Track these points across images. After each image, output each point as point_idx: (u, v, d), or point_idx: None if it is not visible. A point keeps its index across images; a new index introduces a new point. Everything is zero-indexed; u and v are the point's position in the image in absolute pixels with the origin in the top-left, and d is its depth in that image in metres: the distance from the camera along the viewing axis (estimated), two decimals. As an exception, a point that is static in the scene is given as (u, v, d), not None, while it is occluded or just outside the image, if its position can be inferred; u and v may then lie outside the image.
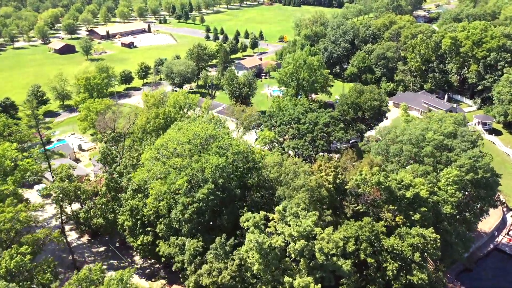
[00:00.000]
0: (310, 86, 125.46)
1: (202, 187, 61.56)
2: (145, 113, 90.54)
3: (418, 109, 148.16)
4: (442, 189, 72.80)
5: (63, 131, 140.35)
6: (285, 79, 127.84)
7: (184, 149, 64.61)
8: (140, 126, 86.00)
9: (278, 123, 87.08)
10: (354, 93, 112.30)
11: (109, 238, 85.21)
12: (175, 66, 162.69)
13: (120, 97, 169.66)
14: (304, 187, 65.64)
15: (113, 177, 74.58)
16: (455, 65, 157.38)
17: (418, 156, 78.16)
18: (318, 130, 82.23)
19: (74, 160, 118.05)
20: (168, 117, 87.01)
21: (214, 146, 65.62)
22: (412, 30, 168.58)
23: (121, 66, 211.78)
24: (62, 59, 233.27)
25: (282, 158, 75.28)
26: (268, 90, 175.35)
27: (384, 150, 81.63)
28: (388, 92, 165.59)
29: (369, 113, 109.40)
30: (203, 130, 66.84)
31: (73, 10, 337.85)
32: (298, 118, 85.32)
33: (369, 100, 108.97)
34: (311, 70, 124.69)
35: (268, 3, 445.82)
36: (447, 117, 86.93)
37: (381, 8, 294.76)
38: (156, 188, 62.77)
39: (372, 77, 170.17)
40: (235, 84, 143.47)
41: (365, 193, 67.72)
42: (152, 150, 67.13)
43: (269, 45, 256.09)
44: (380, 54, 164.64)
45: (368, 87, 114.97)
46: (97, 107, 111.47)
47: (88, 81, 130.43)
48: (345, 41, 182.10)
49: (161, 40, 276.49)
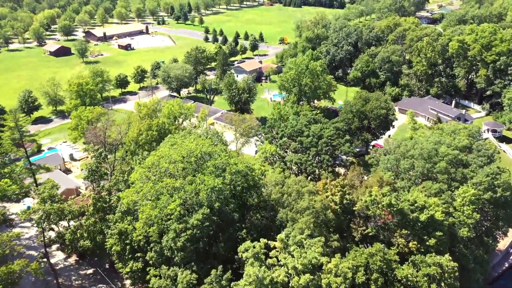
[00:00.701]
0: (312, 92, 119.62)
1: (197, 211, 55.83)
2: (137, 124, 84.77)
3: (424, 115, 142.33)
4: (458, 209, 67.03)
5: (55, 138, 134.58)
6: (286, 85, 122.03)
7: (177, 168, 58.83)
8: (132, 138, 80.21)
9: (280, 135, 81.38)
10: (359, 100, 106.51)
11: (98, 259, 79.45)
12: (172, 70, 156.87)
13: (115, 102, 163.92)
14: (308, 210, 59.89)
15: (101, 196, 68.83)
16: (462, 69, 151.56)
17: (431, 172, 72.40)
18: (322, 144, 76.50)
19: (65, 171, 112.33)
20: (162, 128, 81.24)
21: (210, 165, 59.86)
22: (417, 33, 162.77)
23: (117, 69, 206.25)
24: (57, 61, 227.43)
25: (284, 176, 69.53)
26: (268, 95, 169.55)
27: (394, 165, 75.83)
28: (393, 97, 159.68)
29: (376, 122, 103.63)
30: (198, 147, 61.08)
31: (69, 11, 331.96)
32: (301, 130, 79.61)
33: (375, 108, 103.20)
34: (314, 76, 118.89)
35: (268, 3, 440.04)
36: (460, 129, 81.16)
37: (384, 9, 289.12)
38: (146, 212, 56.98)
39: (376, 81, 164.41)
40: (234, 89, 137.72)
41: (375, 216, 61.92)
42: (142, 169, 61.34)
43: (269, 47, 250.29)
44: (384, 57, 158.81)
45: (374, 94, 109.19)
46: (88, 115, 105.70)
47: (80, 87, 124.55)
48: (348, 44, 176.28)
49: (159, 42, 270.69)
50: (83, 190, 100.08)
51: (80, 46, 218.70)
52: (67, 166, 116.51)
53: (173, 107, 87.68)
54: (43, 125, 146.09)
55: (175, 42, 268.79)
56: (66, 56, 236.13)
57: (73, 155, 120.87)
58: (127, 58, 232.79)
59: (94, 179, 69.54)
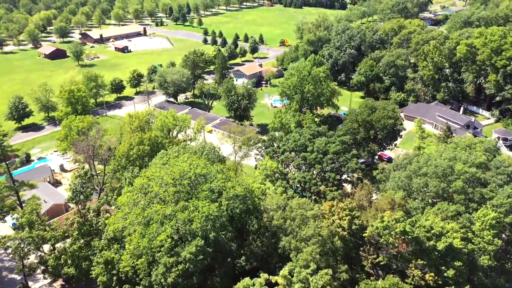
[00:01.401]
0: (315, 99, 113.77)
1: (190, 242, 49.99)
2: (128, 137, 78.92)
3: (432, 122, 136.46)
4: (478, 234, 61.18)
5: (46, 147, 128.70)
6: (288, 92, 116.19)
7: (168, 193, 52.99)
8: (123, 153, 74.34)
9: (282, 149, 75.55)
10: (365, 109, 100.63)
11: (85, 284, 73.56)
12: (169, 75, 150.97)
13: (110, 108, 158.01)
14: (314, 238, 54.07)
15: (87, 219, 62.98)
16: (471, 74, 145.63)
17: (447, 192, 66.51)
18: (328, 160, 70.65)
19: (54, 183, 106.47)
20: (154, 142, 75.39)
21: (205, 188, 54.00)
22: (423, 36, 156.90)
23: (113, 73, 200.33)
24: (52, 64, 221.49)
25: (287, 196, 63.67)
26: (269, 100, 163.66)
27: (406, 183, 69.93)
28: (399, 102, 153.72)
29: (383, 132, 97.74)
30: (192, 169, 55.22)
31: (66, 12, 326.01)
32: (304, 144, 73.79)
33: (382, 118, 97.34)
34: (317, 83, 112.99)
35: (268, 4, 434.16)
36: (476, 144, 75.25)
37: (386, 10, 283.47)
38: (134, 241, 51.18)
39: (380, 86, 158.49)
40: (233, 95, 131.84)
41: (387, 244, 56.09)
42: (130, 193, 55.50)
43: (270, 50, 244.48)
44: (389, 62, 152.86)
45: (381, 103, 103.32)
46: (79, 125, 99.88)
47: (71, 94, 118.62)
48: (351, 47, 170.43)
49: (157, 44, 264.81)
50: (73, 204, 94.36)
51: (75, 49, 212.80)
52: (57, 177, 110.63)
53: (166, 119, 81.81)
54: (34, 133, 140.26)
55: (173, 44, 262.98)
56: (62, 59, 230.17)
57: (64, 165, 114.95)
58: (124, 61, 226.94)
59: (79, 200, 63.72)
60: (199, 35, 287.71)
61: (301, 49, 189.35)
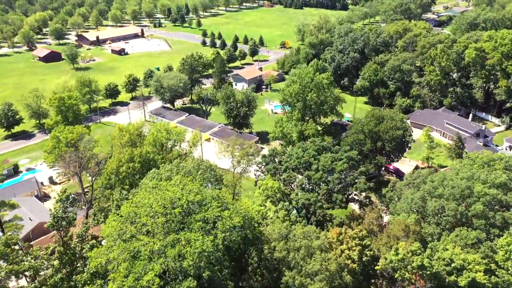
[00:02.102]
0: (318, 108, 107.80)
1: (181, 282, 44.08)
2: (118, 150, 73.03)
3: (440, 130, 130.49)
4: (501, 265, 55.26)
5: (35, 157, 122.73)
6: (290, 100, 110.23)
7: (157, 224, 47.09)
8: (111, 170, 68.40)
9: (284, 167, 69.64)
10: (372, 120, 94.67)
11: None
12: (165, 80, 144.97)
13: (104, 114, 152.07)
14: (321, 273, 48.17)
15: (69, 247, 57.02)
16: (480, 79, 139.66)
17: (465, 216, 60.57)
18: (334, 181, 64.75)
19: (42, 197, 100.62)
20: (146, 159, 69.48)
21: (198, 218, 48.11)
22: (429, 39, 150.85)
23: (109, 77, 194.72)
24: (46, 68, 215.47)
25: (290, 221, 57.75)
26: (269, 106, 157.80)
27: (420, 206, 63.98)
28: (404, 109, 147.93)
29: (391, 144, 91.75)
30: (185, 195, 49.33)
31: (62, 14, 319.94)
32: (308, 162, 67.92)
33: (390, 129, 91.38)
34: (320, 90, 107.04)
35: (268, 5, 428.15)
36: (495, 161, 69.29)
37: (389, 11, 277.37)
38: (118, 280, 45.23)
39: (385, 92, 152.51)
40: (231, 102, 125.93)
41: (403, 279, 50.22)
42: (115, 222, 49.60)
43: (270, 52, 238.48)
44: (395, 66, 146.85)
45: (388, 112, 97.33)
46: (68, 136, 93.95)
47: (61, 102, 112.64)
48: (354, 51, 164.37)
49: (155, 46, 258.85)
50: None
51: (70, 52, 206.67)
52: (46, 190, 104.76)
53: (159, 133, 75.79)
54: (24, 141, 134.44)
55: (171, 47, 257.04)
56: (56, 61, 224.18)
57: (53, 177, 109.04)
58: (120, 64, 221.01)
59: (60, 227, 57.78)
60: (197, 36, 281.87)
61: (303, 52, 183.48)
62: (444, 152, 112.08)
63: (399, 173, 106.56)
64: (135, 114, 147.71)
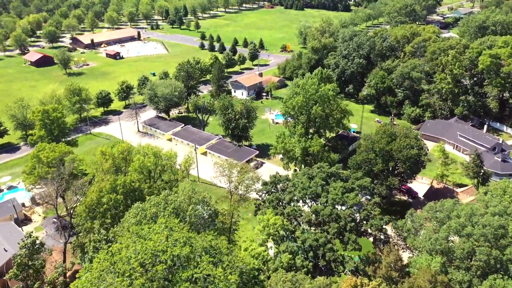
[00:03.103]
0: (323, 122, 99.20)
1: None
2: (100, 178, 64.50)
3: (453, 143, 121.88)
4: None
5: (19, 173, 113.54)
6: (292, 113, 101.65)
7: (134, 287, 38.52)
8: (91, 202, 59.80)
9: (288, 198, 61.12)
10: (384, 137, 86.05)
11: None
12: (160, 88, 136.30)
13: (95, 125, 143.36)
14: None
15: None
16: (495, 87, 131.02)
17: (500, 261, 52.00)
18: (346, 218, 56.23)
19: (22, 220, 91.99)
20: (130, 189, 60.91)
21: (185, 277, 39.57)
22: (440, 45, 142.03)
23: (102, 82, 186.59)
24: (37, 73, 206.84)
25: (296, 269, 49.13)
26: (270, 115, 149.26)
27: (444, 245, 55.36)
28: (413, 119, 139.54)
29: (405, 165, 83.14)
30: (170, 248, 40.80)
31: (57, 16, 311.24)
32: (316, 193, 59.46)
33: (404, 148, 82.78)
34: (325, 102, 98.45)
35: (268, 6, 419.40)
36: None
37: (393, 13, 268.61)
38: None
39: (393, 100, 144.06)
40: (230, 113, 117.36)
41: None
42: (86, 281, 41.07)
43: (271, 56, 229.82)
44: (403, 73, 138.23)
45: (402, 129, 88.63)
46: (49, 155, 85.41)
47: (45, 115, 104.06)
48: (360, 56, 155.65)
49: (151, 50, 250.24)
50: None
51: (62, 56, 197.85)
52: (27, 212, 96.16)
53: (146, 158, 67.01)
54: (8, 155, 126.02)
55: (169, 50, 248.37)
56: (49, 66, 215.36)
57: (36, 197, 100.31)
58: (115, 68, 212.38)
59: (26, 276, 49.28)
60: (196, 39, 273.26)
61: (305, 57, 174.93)
62: (460, 169, 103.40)
63: (411, 193, 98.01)
64: (127, 125, 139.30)
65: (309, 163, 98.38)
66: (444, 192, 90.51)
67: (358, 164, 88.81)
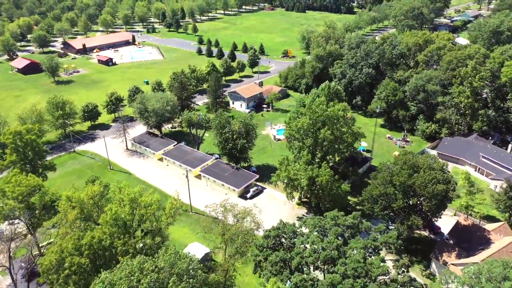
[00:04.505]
0: (332, 146, 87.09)
1: None
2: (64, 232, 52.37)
3: (474, 165, 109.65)
4: None
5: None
6: (297, 136, 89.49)
7: None
8: (49, 266, 47.69)
9: (295, 263, 49.18)
10: (404, 168, 73.88)
11: None
12: (150, 102, 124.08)
13: (80, 142, 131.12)
14: None
15: None
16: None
17: None
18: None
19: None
20: (99, 249, 48.79)
21: None
22: (457, 54, 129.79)
23: (92, 92, 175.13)
24: (24, 81, 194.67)
25: None
26: (271, 130, 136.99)
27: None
28: (428, 135, 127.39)
29: (430, 203, 70.99)
30: None
31: (49, 19, 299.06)
32: (331, 257, 47.55)
33: (430, 183, 70.60)
34: (335, 125, 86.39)
35: (269, 8, 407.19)
36: None
37: (400, 16, 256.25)
38: None
39: (405, 114, 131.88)
40: (227, 133, 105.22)
41: None
42: None
43: (271, 62, 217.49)
44: (418, 86, 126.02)
45: (424, 159, 76.28)
46: (15, 190, 73.27)
47: (18, 137, 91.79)
48: (368, 65, 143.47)
49: (146, 55, 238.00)
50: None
51: (49, 63, 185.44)
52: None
53: (121, 208, 54.11)
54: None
55: (164, 55, 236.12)
56: (37, 73, 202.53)
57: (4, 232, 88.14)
58: (106, 76, 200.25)
59: None
60: (193, 43, 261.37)
61: (309, 65, 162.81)
62: (488, 199, 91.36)
63: (433, 227, 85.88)
64: (115, 142, 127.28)
65: (316, 193, 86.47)
66: (472, 230, 78.30)
67: (374, 198, 76.75)
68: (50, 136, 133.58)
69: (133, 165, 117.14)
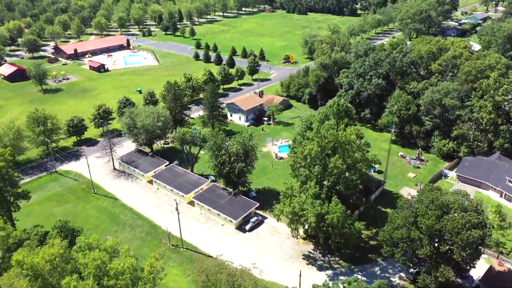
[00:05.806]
0: (344, 178, 75.52)
1: None
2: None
3: (500, 190, 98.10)
4: None
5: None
6: (304, 163, 77.93)
7: None
8: None
9: None
10: (431, 208, 62.31)
11: None
12: (140, 117, 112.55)
13: (63, 161, 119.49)
14: None
15: None
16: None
17: None
18: None
19: None
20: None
21: None
22: (476, 64, 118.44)
23: (80, 102, 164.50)
24: (9, 90, 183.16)
25: None
26: (272, 146, 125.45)
27: None
28: (445, 154, 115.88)
29: (464, 252, 59.47)
30: None
31: (41, 21, 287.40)
32: None
33: (463, 227, 59.10)
34: (346, 151, 74.95)
35: (269, 10, 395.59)
36: None
37: (406, 19, 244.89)
38: None
39: (419, 130, 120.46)
40: (223, 155, 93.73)
41: None
42: None
43: (272, 69, 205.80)
44: (434, 99, 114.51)
45: (456, 196, 64.75)
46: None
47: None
48: (378, 76, 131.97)
49: (141, 60, 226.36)
50: None
51: (36, 70, 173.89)
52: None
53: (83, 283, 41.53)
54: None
55: (160, 61, 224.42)
56: (24, 81, 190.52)
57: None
58: (97, 84, 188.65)
59: None
60: (190, 48, 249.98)
61: (313, 74, 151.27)
62: (520, 235, 79.91)
63: (461, 272, 74.32)
64: (100, 161, 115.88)
65: (326, 231, 75.02)
66: (508, 277, 67.01)
67: (394, 241, 65.31)
68: (31, 154, 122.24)
69: (120, 189, 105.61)
